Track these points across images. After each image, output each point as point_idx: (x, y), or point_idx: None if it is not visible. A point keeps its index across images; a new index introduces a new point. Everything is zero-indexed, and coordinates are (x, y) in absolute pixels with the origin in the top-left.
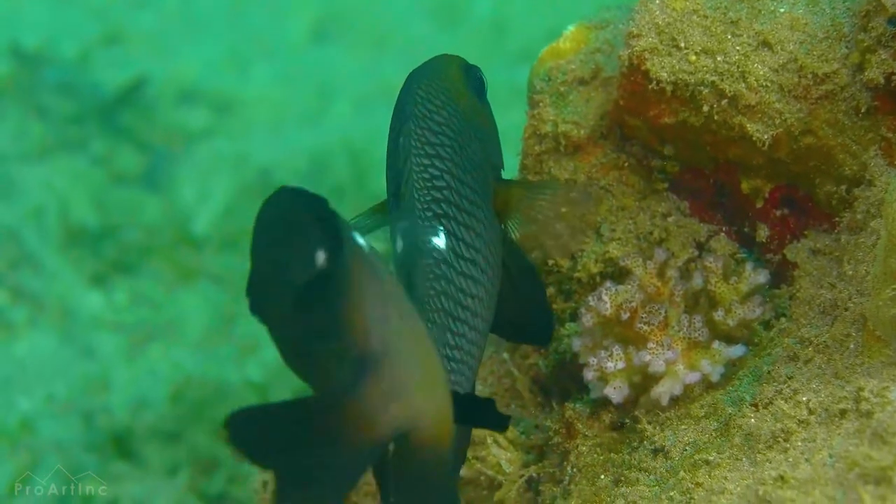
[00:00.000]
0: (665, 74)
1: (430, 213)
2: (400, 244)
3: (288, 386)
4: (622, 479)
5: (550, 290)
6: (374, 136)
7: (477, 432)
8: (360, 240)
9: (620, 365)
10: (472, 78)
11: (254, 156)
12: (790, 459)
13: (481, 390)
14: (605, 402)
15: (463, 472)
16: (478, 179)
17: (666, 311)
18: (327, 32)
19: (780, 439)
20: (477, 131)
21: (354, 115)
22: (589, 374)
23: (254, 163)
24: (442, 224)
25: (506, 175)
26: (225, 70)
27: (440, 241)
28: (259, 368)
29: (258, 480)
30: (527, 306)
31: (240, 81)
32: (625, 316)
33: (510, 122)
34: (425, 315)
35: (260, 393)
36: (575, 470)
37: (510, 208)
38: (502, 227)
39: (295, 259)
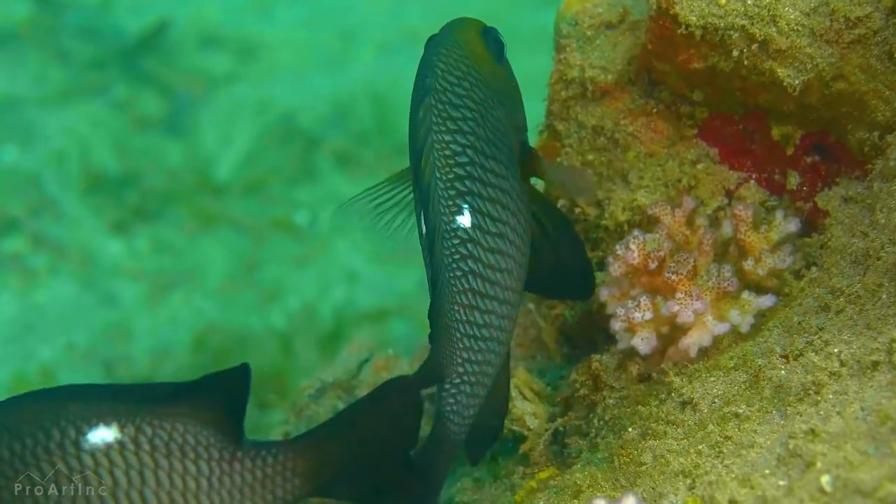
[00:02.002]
0: (694, 18)
1: (453, 192)
2: (424, 227)
3: (311, 335)
4: (650, 431)
5: None
6: (397, 81)
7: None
8: None
9: (648, 315)
10: (491, 41)
11: (276, 101)
12: (821, 413)
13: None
14: (632, 354)
15: None
16: (502, 149)
17: (695, 261)
18: None
19: (810, 392)
20: (499, 97)
21: (378, 59)
22: (616, 325)
23: (276, 108)
24: (466, 201)
25: (532, 123)
26: (247, 13)
27: (465, 219)
28: (282, 316)
29: (279, 432)
30: (565, 262)
31: (262, 25)
32: (653, 265)
33: (537, 66)
34: (452, 298)
35: (282, 341)
36: (602, 422)
37: (535, 169)
38: (535, 184)
39: None
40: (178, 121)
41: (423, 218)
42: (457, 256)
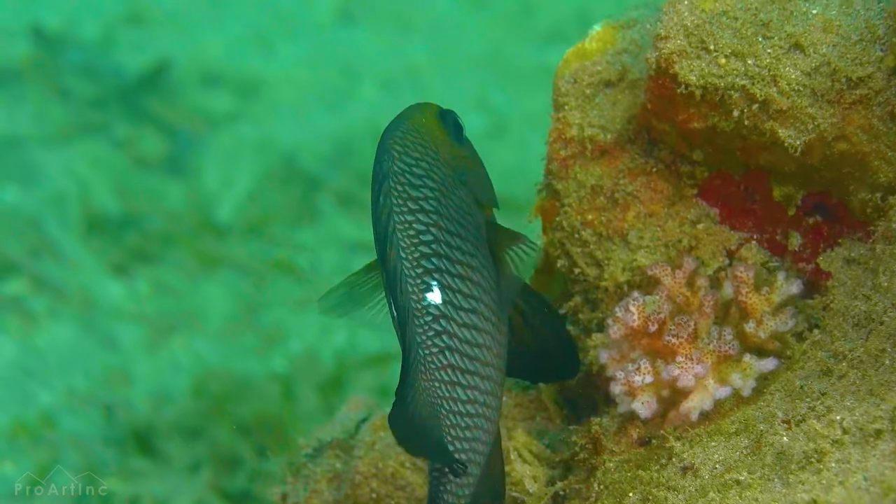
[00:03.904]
0: (694, 78)
1: (420, 270)
2: (395, 310)
3: (313, 379)
4: (650, 497)
5: (576, 300)
6: None
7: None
8: None
9: (648, 379)
10: (449, 122)
11: (278, 140)
12: (823, 482)
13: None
14: (632, 417)
15: None
16: (468, 226)
17: (695, 323)
18: (352, 12)
19: (813, 460)
20: (462, 176)
21: (380, 97)
22: (616, 388)
23: (278, 147)
24: (435, 279)
25: (532, 173)
26: (249, 52)
27: (435, 296)
28: (283, 359)
29: (277, 492)
30: (547, 343)
31: (264, 63)
32: (653, 328)
33: (540, 104)
34: (431, 375)
35: (283, 385)
36: (602, 487)
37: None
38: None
39: None
40: (179, 160)
41: (392, 301)
42: (431, 333)
